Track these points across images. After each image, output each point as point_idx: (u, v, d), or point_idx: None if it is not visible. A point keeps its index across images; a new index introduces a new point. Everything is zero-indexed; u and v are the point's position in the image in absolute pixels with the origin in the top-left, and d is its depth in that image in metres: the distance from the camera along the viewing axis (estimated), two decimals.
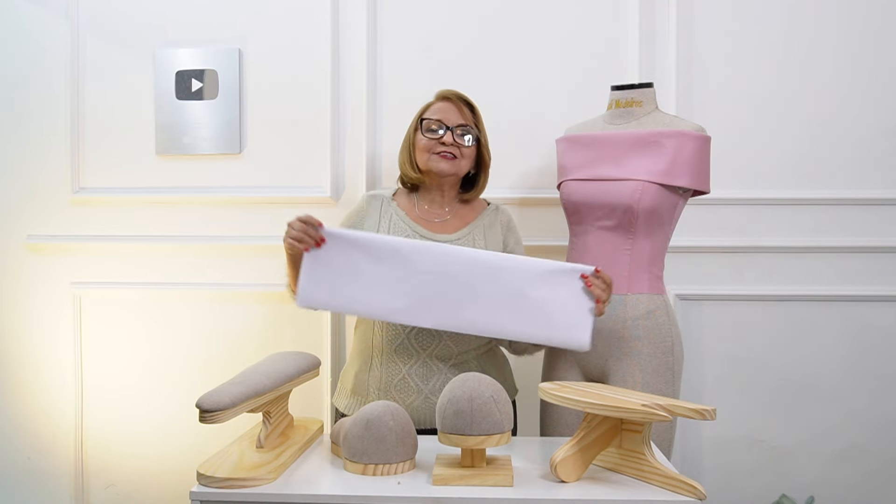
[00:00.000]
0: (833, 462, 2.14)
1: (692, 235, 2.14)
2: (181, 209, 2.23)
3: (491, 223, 1.73)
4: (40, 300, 2.25)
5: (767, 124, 2.15)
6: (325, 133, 2.19)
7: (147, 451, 2.23)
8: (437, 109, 1.69)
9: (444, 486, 1.20)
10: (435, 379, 1.61)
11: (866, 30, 2.12)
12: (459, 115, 1.67)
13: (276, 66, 2.21)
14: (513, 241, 1.74)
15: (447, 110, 1.68)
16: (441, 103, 1.70)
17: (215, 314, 2.22)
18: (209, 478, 1.21)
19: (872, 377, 2.14)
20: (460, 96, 1.70)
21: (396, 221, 1.68)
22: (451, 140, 1.65)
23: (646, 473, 1.23)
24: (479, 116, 1.71)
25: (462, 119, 1.67)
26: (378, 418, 1.27)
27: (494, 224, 1.73)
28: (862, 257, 2.13)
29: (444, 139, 1.65)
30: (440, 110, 1.68)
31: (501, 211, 1.77)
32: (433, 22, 2.19)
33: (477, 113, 1.71)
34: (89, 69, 2.23)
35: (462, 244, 1.66)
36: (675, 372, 1.70)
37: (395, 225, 1.68)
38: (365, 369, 1.67)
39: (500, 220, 1.75)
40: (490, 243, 1.69)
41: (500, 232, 1.72)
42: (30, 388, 2.26)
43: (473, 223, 1.72)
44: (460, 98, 1.69)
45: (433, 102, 1.72)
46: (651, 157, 1.68)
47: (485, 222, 1.72)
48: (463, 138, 1.67)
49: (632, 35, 2.14)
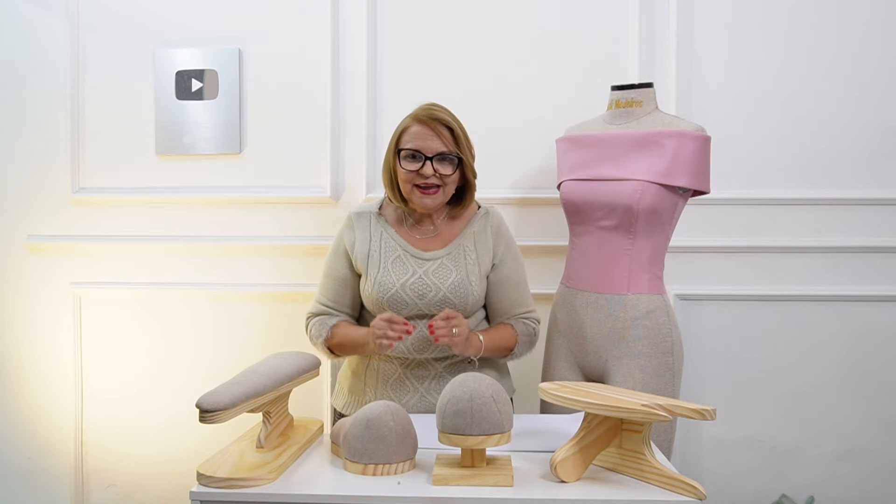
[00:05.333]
0: (833, 462, 2.14)
1: (692, 235, 2.14)
2: (181, 209, 2.23)
3: (482, 229, 1.69)
4: (40, 300, 2.25)
5: (767, 124, 2.15)
6: (325, 133, 2.19)
7: (147, 452, 2.23)
8: (414, 136, 1.58)
9: (444, 486, 1.20)
10: (431, 378, 1.63)
11: (866, 30, 2.12)
12: (438, 141, 1.57)
13: (276, 67, 2.21)
14: (503, 245, 1.69)
15: (424, 136, 1.57)
16: (417, 127, 1.59)
17: (215, 314, 2.22)
18: (209, 478, 1.21)
19: (872, 377, 2.14)
20: (437, 118, 1.58)
21: (387, 240, 1.66)
22: (431, 171, 1.56)
23: (646, 473, 1.23)
24: (458, 136, 1.59)
25: (441, 145, 1.57)
26: (378, 418, 1.27)
27: (485, 230, 1.69)
28: (862, 257, 2.13)
29: (423, 171, 1.56)
30: (417, 137, 1.58)
31: (492, 214, 1.72)
32: (433, 21, 2.19)
33: (456, 132, 1.59)
34: (89, 69, 2.23)
35: (452, 259, 1.64)
36: (675, 372, 1.70)
37: (385, 244, 1.66)
38: (361, 368, 1.69)
39: (491, 224, 1.70)
40: (480, 251, 1.66)
41: (491, 237, 1.68)
42: (30, 388, 2.26)
43: (463, 233, 1.68)
44: (435, 119, 1.58)
45: (408, 125, 1.60)
46: (651, 157, 1.68)
47: (475, 229, 1.68)
48: (444, 164, 1.58)
49: (632, 35, 2.14)
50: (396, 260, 1.63)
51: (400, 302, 1.60)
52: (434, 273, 1.62)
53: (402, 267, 1.62)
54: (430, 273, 1.62)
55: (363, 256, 1.65)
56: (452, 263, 1.63)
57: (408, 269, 1.62)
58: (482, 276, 1.65)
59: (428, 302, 1.60)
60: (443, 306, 1.59)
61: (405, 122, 1.62)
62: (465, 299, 1.61)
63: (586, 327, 1.75)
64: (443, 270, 1.62)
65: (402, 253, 1.64)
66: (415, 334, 1.59)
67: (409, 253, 1.64)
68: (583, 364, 1.78)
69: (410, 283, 1.60)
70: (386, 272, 1.62)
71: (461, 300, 1.60)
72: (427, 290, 1.60)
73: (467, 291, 1.61)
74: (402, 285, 1.60)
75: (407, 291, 1.60)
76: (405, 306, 1.60)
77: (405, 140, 1.60)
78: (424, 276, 1.61)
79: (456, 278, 1.61)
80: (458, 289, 1.60)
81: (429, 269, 1.62)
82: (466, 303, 1.61)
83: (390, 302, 1.60)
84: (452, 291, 1.60)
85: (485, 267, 1.66)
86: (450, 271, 1.62)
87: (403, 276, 1.61)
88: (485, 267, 1.66)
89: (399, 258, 1.64)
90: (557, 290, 1.87)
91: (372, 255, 1.65)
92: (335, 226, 1.81)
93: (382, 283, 1.60)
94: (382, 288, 1.60)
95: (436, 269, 1.62)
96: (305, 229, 2.21)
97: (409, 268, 1.62)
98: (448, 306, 1.59)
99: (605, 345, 1.72)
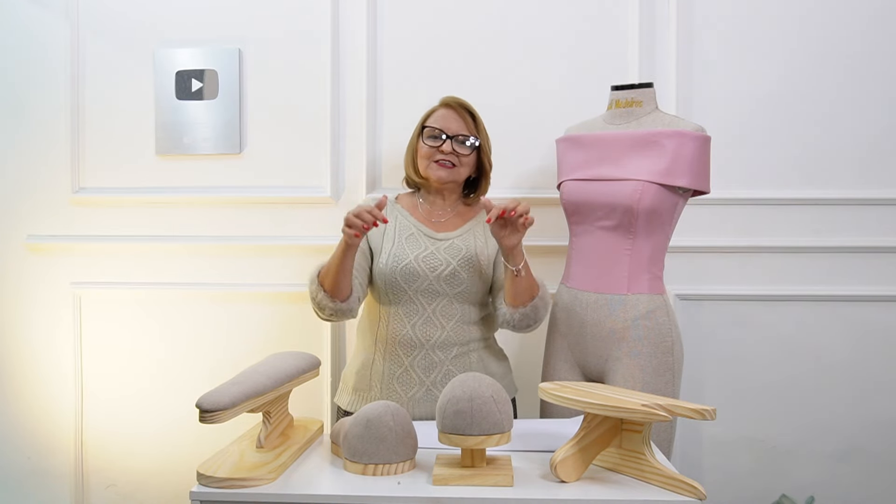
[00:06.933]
0: (833, 462, 2.14)
1: (692, 235, 2.14)
2: (181, 209, 2.22)
3: None
4: (40, 300, 2.25)
5: (767, 124, 2.14)
6: (325, 133, 2.19)
7: (147, 451, 2.23)
8: (440, 117, 1.73)
9: (444, 486, 1.20)
10: (436, 371, 1.66)
11: (866, 30, 2.12)
12: (461, 124, 1.72)
13: (276, 67, 2.21)
14: None
15: (449, 118, 1.72)
16: (443, 110, 1.74)
17: (215, 314, 2.22)
18: (209, 478, 1.21)
19: (872, 377, 2.14)
20: (462, 104, 1.74)
21: (401, 220, 1.76)
22: (450, 149, 1.70)
23: (646, 473, 1.23)
24: (480, 124, 1.75)
25: (463, 127, 1.72)
26: (378, 418, 1.27)
27: None
28: (862, 257, 2.13)
29: (443, 147, 1.70)
30: (442, 118, 1.73)
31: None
32: (433, 22, 2.19)
33: (478, 120, 1.75)
34: (89, 69, 2.23)
35: (463, 240, 1.73)
36: (675, 372, 1.70)
37: (400, 224, 1.75)
38: (367, 364, 1.72)
39: None
40: (489, 237, 1.75)
41: None
42: (30, 388, 2.26)
43: (474, 220, 1.79)
44: (462, 106, 1.74)
45: (436, 109, 1.76)
46: (651, 157, 1.68)
47: (484, 218, 1.78)
48: (462, 146, 1.71)
49: (632, 35, 2.14)
50: (410, 237, 1.73)
51: (412, 273, 1.66)
52: (446, 250, 1.70)
53: (416, 243, 1.72)
54: (442, 249, 1.70)
55: (379, 234, 1.74)
56: (463, 243, 1.72)
57: (421, 244, 1.71)
58: (490, 258, 1.72)
59: (438, 275, 1.67)
60: (453, 281, 1.67)
61: (434, 108, 1.78)
62: (474, 276, 1.69)
63: (586, 327, 1.75)
64: (453, 248, 1.71)
65: (417, 231, 1.74)
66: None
67: (423, 232, 1.74)
68: (583, 364, 1.78)
69: (423, 256, 1.69)
70: (400, 246, 1.70)
71: (470, 275, 1.68)
72: (438, 263, 1.68)
73: (477, 268, 1.69)
74: (416, 257, 1.68)
75: (420, 263, 1.67)
76: (417, 278, 1.66)
77: (430, 121, 1.75)
78: (437, 252, 1.70)
79: (466, 254, 1.70)
80: (468, 263, 1.68)
81: (440, 247, 1.71)
82: (475, 280, 1.69)
83: (403, 272, 1.66)
84: (462, 266, 1.68)
85: (493, 250, 1.73)
86: (460, 249, 1.71)
87: (417, 249, 1.70)
88: (493, 250, 1.73)
89: (413, 235, 1.73)
90: (557, 290, 1.87)
91: (387, 233, 1.74)
92: (335, 226, 1.81)
93: (397, 254, 1.69)
94: (396, 258, 1.68)
95: (447, 247, 1.71)
96: (305, 229, 2.21)
97: (422, 244, 1.72)
98: (458, 280, 1.67)
99: (605, 345, 1.72)
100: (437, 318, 1.67)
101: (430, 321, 1.67)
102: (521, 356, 2.10)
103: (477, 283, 1.69)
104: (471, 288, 1.68)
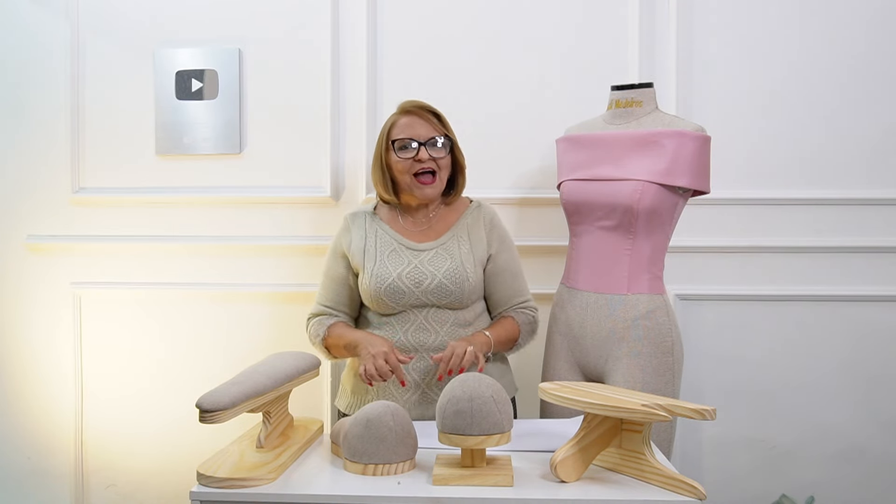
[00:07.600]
0: (833, 462, 2.14)
1: (692, 235, 2.14)
2: (181, 209, 2.22)
3: (474, 221, 1.74)
4: (40, 300, 2.25)
5: (767, 124, 2.14)
6: (325, 133, 2.19)
7: (147, 452, 2.23)
8: (405, 126, 1.66)
9: (444, 486, 1.20)
10: (433, 374, 1.63)
11: (866, 30, 2.12)
12: (428, 127, 1.66)
13: (276, 67, 2.21)
14: (496, 238, 1.74)
15: (415, 124, 1.66)
16: (406, 118, 1.67)
17: (215, 314, 2.22)
18: (209, 478, 1.21)
19: (872, 377, 2.14)
20: (423, 106, 1.67)
21: (381, 235, 1.72)
22: (427, 155, 1.64)
23: (646, 473, 1.23)
24: (445, 122, 1.69)
25: (431, 130, 1.66)
26: (378, 418, 1.27)
27: (477, 222, 1.74)
28: (862, 257, 2.13)
29: (419, 156, 1.63)
30: (408, 126, 1.66)
31: (484, 208, 1.77)
32: (434, 22, 2.19)
33: (443, 119, 1.69)
34: (89, 69, 2.23)
35: (447, 248, 1.68)
36: (675, 372, 1.70)
37: (380, 239, 1.71)
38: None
39: (484, 217, 1.75)
40: (473, 241, 1.71)
41: (484, 230, 1.73)
42: (30, 388, 2.26)
43: (456, 225, 1.73)
44: (423, 108, 1.67)
45: (397, 118, 1.68)
46: (651, 157, 1.68)
47: (468, 221, 1.73)
48: (436, 149, 1.65)
49: (632, 35, 2.14)
50: (392, 253, 1.68)
51: (397, 291, 1.63)
52: (429, 262, 1.66)
53: (398, 258, 1.67)
54: (426, 262, 1.66)
55: (359, 252, 1.69)
56: (447, 252, 1.67)
57: (403, 260, 1.66)
58: (476, 264, 1.68)
59: (424, 289, 1.63)
60: (440, 293, 1.63)
61: (392, 119, 1.70)
62: (462, 286, 1.64)
63: (586, 327, 1.75)
64: (437, 259, 1.66)
65: (398, 246, 1.69)
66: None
67: (404, 245, 1.69)
68: (583, 364, 1.78)
69: (406, 272, 1.64)
70: (382, 264, 1.66)
71: (457, 286, 1.63)
72: (423, 277, 1.63)
73: (463, 277, 1.64)
74: (399, 275, 1.64)
75: (403, 280, 1.63)
76: (403, 295, 1.63)
77: (396, 132, 1.67)
78: (420, 266, 1.65)
79: (451, 265, 1.65)
80: (453, 275, 1.64)
81: (424, 259, 1.66)
82: (463, 289, 1.64)
83: (388, 292, 1.63)
84: (448, 277, 1.63)
85: (479, 256, 1.69)
86: (444, 259, 1.66)
87: (399, 266, 1.65)
88: (479, 256, 1.69)
89: (395, 251, 1.68)
90: (557, 290, 1.87)
91: (368, 250, 1.69)
92: (335, 226, 1.82)
93: (379, 274, 1.64)
94: (379, 279, 1.63)
95: (430, 258, 1.67)
96: (306, 229, 2.21)
97: (405, 259, 1.67)
98: (444, 293, 1.63)
99: (605, 345, 1.72)
100: (429, 324, 1.65)
101: (423, 328, 1.64)
102: (521, 356, 2.09)
103: (466, 290, 1.65)
104: (460, 296, 1.64)
